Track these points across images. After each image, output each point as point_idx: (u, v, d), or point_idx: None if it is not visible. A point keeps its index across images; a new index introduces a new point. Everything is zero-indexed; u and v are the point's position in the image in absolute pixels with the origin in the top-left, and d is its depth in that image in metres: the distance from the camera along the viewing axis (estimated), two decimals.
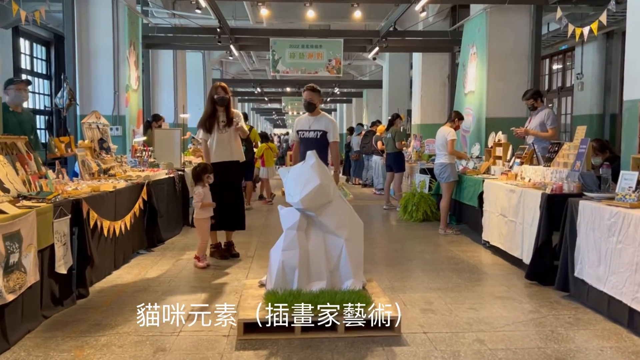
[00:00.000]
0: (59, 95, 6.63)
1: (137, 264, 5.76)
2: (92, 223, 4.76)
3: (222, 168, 5.89)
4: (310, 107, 5.66)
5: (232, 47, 11.64)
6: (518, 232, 5.58)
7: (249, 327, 3.64)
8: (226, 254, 6.10)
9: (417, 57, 13.52)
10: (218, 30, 10.18)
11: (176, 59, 13.23)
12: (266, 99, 28.14)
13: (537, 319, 4.08)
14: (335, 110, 39.29)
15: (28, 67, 12.24)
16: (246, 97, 28.92)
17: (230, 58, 16.73)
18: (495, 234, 6.26)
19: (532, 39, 8.67)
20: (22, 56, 11.88)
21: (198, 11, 8.43)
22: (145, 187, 6.26)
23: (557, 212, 4.84)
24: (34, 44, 12.69)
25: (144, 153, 7.70)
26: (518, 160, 6.63)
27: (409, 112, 16.45)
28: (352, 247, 4.13)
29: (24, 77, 10.80)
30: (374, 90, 21.40)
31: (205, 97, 16.84)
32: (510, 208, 5.78)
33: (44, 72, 12.96)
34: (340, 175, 5.25)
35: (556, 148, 5.87)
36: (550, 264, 4.96)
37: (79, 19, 8.19)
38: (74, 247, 4.52)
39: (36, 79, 12.57)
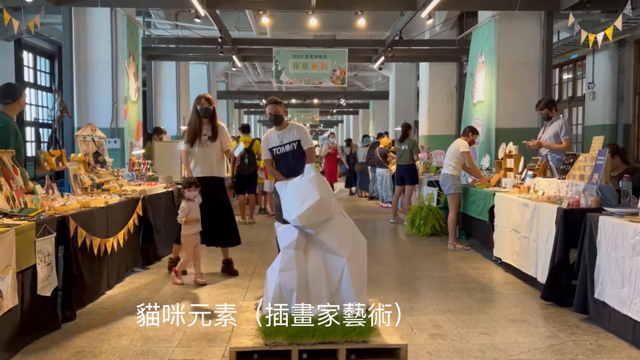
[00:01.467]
0: (49, 107, 6.42)
1: (130, 283, 5.49)
2: (80, 241, 4.50)
3: (204, 184, 5.66)
4: (278, 120, 5.32)
5: (234, 57, 11.45)
6: (532, 249, 5.26)
7: (242, 356, 3.35)
8: (224, 271, 5.85)
9: (423, 67, 13.27)
10: (219, 40, 9.99)
11: (179, 71, 13.06)
12: None
13: (556, 345, 3.76)
14: (341, 121, 39.21)
15: (31, 80, 12.14)
16: (252, 110, 28.85)
17: (234, 70, 16.56)
18: (507, 251, 5.94)
19: (543, 47, 8.38)
20: (25, 69, 11.78)
21: (197, 20, 8.24)
22: (140, 202, 6.01)
23: (574, 228, 4.54)
24: (38, 57, 12.61)
25: (142, 166, 7.46)
26: (530, 173, 6.32)
27: (416, 124, 16.19)
28: (355, 267, 3.83)
29: (27, 89, 10.69)
30: (380, 101, 21.21)
31: None
32: (524, 223, 5.47)
33: (48, 85, 12.85)
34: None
35: (571, 159, 5.56)
36: (568, 284, 4.65)
37: (77, 29, 8.01)
38: (59, 267, 4.26)
39: (39, 92, 12.47)
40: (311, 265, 3.79)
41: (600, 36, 6.45)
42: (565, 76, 14.37)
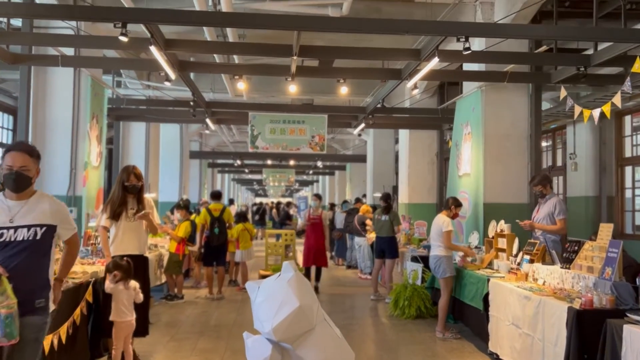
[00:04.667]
0: None
1: None
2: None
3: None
4: (23, 183, 3.23)
5: (208, 120, 10.93)
6: (537, 350, 4.64)
7: None
8: None
9: (403, 133, 12.97)
10: (192, 103, 9.50)
11: (149, 131, 12.43)
12: (247, 170, 27.51)
13: None
14: (317, 181, 38.81)
15: None
16: (226, 169, 28.29)
17: (207, 132, 16.07)
18: (505, 347, 5.30)
19: (531, 119, 8.07)
20: None
21: (167, 84, 7.73)
22: (91, 287, 5.25)
23: (588, 332, 3.98)
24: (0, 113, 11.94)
25: (98, 240, 6.70)
26: (527, 257, 5.78)
27: (395, 189, 15.77)
28: None
29: None
30: (357, 164, 20.86)
31: (181, 170, 16.15)
32: (525, 318, 4.87)
33: (10, 142, 12.13)
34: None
35: (575, 247, 5.05)
36: None
37: (36, 88, 7.41)
38: None
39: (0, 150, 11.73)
40: None
41: (596, 112, 6.15)
42: (544, 144, 14.25)
